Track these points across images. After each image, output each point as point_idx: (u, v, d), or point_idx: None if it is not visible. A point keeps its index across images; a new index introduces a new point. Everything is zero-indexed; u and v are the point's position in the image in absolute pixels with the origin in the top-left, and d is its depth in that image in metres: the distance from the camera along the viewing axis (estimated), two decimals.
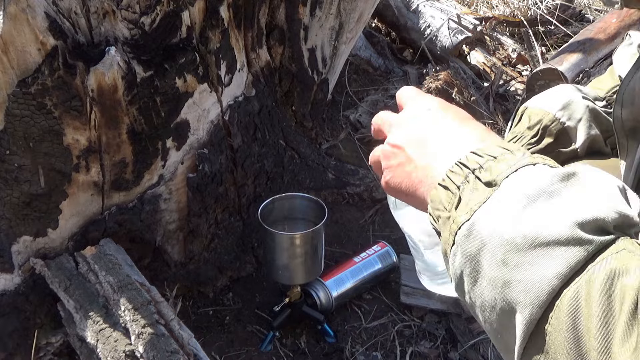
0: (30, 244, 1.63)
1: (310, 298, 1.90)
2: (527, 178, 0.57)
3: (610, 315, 0.48)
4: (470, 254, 0.57)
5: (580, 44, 2.98)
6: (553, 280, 0.51)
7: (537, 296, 0.51)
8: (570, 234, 0.52)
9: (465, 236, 0.58)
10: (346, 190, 2.31)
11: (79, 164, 1.57)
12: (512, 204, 0.56)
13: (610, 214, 0.53)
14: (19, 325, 1.64)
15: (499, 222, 0.56)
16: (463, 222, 0.58)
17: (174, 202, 1.82)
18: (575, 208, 0.54)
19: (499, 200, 0.57)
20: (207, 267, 1.95)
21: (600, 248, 0.52)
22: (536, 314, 0.52)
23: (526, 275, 0.52)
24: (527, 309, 0.52)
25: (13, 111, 1.44)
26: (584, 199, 0.55)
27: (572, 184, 0.56)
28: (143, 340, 1.41)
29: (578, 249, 0.51)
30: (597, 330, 0.48)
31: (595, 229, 0.52)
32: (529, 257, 0.53)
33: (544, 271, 0.52)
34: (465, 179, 0.60)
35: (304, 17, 2.09)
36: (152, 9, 1.54)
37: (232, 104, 1.90)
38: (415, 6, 3.17)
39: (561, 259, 0.51)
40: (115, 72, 1.49)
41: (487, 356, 1.85)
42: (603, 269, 0.50)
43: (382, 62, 2.99)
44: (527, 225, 0.54)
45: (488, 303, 0.56)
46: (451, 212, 0.60)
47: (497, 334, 0.57)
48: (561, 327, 0.50)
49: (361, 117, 2.63)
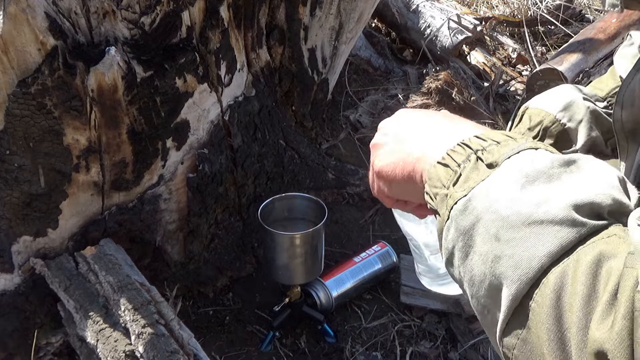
0: (30, 244, 1.63)
1: (310, 298, 1.90)
2: (527, 160, 0.58)
3: (593, 294, 0.49)
4: (464, 229, 0.58)
5: (580, 44, 2.98)
6: (543, 259, 0.52)
7: (526, 272, 0.52)
8: (564, 215, 0.53)
9: (461, 211, 0.58)
10: (346, 190, 2.31)
11: (79, 164, 1.57)
12: (510, 182, 0.56)
13: (605, 200, 0.54)
14: (19, 325, 1.64)
15: (495, 199, 0.56)
16: (460, 197, 0.59)
17: (174, 202, 1.82)
18: (573, 191, 0.54)
19: (498, 179, 0.58)
20: (207, 267, 1.95)
21: (593, 232, 0.52)
22: (522, 289, 0.52)
23: (517, 251, 0.53)
24: (514, 285, 0.53)
25: (13, 111, 1.44)
26: (582, 183, 0.55)
27: (572, 170, 0.57)
28: (143, 340, 1.41)
29: (570, 230, 0.52)
30: (579, 309, 0.49)
31: (590, 213, 0.53)
32: (521, 233, 0.53)
33: (534, 249, 0.52)
34: (467, 158, 0.60)
35: (304, 17, 2.09)
36: (152, 9, 1.54)
37: (232, 104, 1.90)
38: (415, 6, 3.17)
39: (553, 239, 0.52)
40: (115, 72, 1.49)
41: (487, 356, 1.85)
42: (592, 250, 0.51)
43: (382, 62, 2.99)
44: (523, 204, 0.55)
45: (477, 277, 0.57)
46: (449, 189, 0.60)
47: (484, 309, 0.57)
48: (545, 303, 0.51)
49: (361, 117, 2.63)
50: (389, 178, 0.71)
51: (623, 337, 0.46)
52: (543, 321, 0.51)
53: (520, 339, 0.53)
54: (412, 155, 0.67)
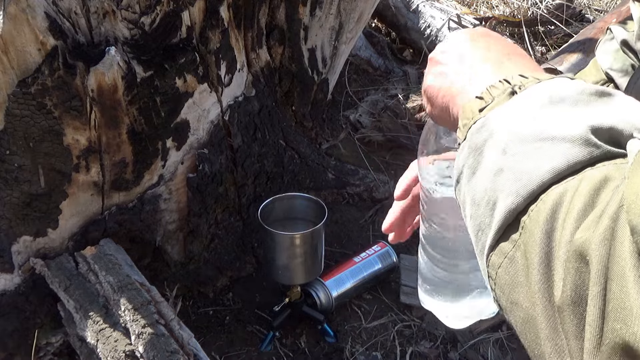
0: (30, 244, 1.63)
1: (310, 298, 1.90)
2: (558, 85, 0.54)
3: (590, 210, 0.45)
4: (476, 145, 0.55)
5: (580, 44, 2.97)
6: (546, 174, 0.48)
7: (524, 186, 0.49)
8: (579, 134, 0.49)
9: (478, 129, 0.55)
10: (346, 190, 2.31)
11: (79, 164, 1.57)
12: (532, 103, 0.53)
13: (628, 128, 0.49)
14: (19, 325, 1.64)
15: (512, 116, 0.53)
16: (479, 118, 0.56)
17: (174, 202, 1.82)
18: (595, 114, 0.50)
19: (520, 99, 0.55)
20: (207, 267, 1.95)
21: (606, 157, 0.48)
22: (519, 204, 0.49)
23: (520, 165, 0.50)
24: (510, 197, 0.50)
25: (13, 111, 1.44)
26: (608, 110, 0.51)
27: (602, 101, 0.52)
28: (143, 340, 1.41)
29: (582, 150, 0.48)
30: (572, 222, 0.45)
31: (608, 139, 0.49)
32: (530, 147, 0.50)
33: (540, 163, 0.49)
34: (503, 92, 0.57)
35: (304, 17, 2.09)
36: (152, 9, 1.54)
37: (232, 104, 1.90)
38: (415, 6, 3.17)
39: (561, 155, 0.48)
40: (115, 72, 1.49)
41: (487, 356, 1.85)
42: (600, 172, 0.47)
43: (382, 62, 2.99)
44: (539, 121, 0.51)
45: (479, 195, 0.53)
46: (474, 115, 0.58)
47: (479, 230, 0.54)
48: (539, 219, 0.47)
49: (361, 117, 2.63)
50: (432, 99, 0.69)
51: (605, 236, 0.42)
52: (534, 238, 0.47)
53: (507, 257, 0.50)
54: (455, 86, 0.65)
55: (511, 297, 0.50)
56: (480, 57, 0.65)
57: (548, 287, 0.46)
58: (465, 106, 0.60)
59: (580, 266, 0.43)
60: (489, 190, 0.52)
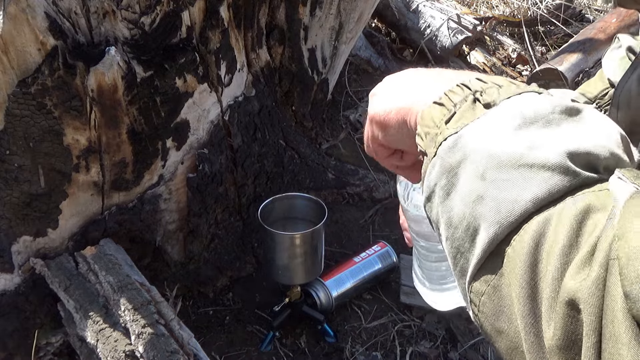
0: (30, 244, 1.63)
1: (310, 298, 1.90)
2: (528, 102, 0.54)
3: (575, 245, 0.46)
4: (449, 166, 0.54)
5: (580, 44, 2.98)
6: (527, 203, 0.49)
7: (507, 216, 0.49)
8: (557, 162, 0.49)
9: (450, 148, 0.54)
10: (346, 190, 2.31)
11: (79, 164, 1.57)
12: (506, 122, 0.53)
13: (603, 153, 0.50)
14: (19, 325, 1.64)
15: (487, 138, 0.53)
16: (450, 134, 0.55)
17: (174, 202, 1.82)
18: (570, 139, 0.51)
19: (493, 118, 0.54)
20: (207, 267, 1.95)
21: (585, 184, 0.49)
22: (501, 233, 0.49)
23: (501, 193, 0.50)
24: (493, 227, 0.50)
25: (13, 111, 1.44)
26: (581, 133, 0.52)
27: (573, 119, 0.53)
28: (143, 340, 1.41)
29: (562, 178, 0.49)
30: (557, 258, 0.46)
31: (585, 164, 0.50)
32: (509, 175, 0.50)
33: (521, 192, 0.49)
34: (464, 98, 0.56)
35: (304, 17, 2.09)
36: (152, 9, 1.54)
37: (232, 104, 1.90)
38: (415, 6, 3.17)
39: (542, 184, 0.49)
40: (115, 72, 1.49)
41: (487, 356, 1.85)
42: (580, 201, 0.47)
43: (382, 62, 2.99)
44: (516, 145, 0.51)
45: (456, 218, 0.53)
46: (440, 127, 0.56)
47: (457, 253, 0.54)
48: (522, 250, 0.48)
49: (361, 117, 2.63)
50: (383, 123, 0.66)
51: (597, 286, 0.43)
52: (517, 268, 0.48)
53: (490, 285, 0.50)
54: (408, 99, 0.63)
55: (495, 325, 0.51)
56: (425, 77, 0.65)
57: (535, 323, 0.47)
58: (424, 112, 0.59)
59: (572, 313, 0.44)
60: (468, 216, 0.52)
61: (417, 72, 0.67)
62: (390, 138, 0.66)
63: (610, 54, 1.07)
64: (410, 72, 0.67)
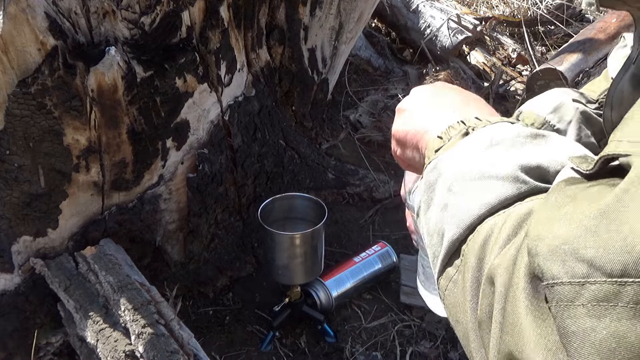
0: (30, 244, 1.63)
1: (310, 298, 1.90)
2: (499, 129, 0.62)
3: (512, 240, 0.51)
4: (429, 183, 0.63)
5: (580, 44, 2.98)
6: (481, 208, 0.56)
7: (463, 219, 0.57)
8: (509, 173, 0.56)
9: (431, 169, 0.64)
10: (346, 190, 2.31)
11: (79, 164, 1.57)
12: (477, 145, 0.61)
13: (554, 166, 0.56)
14: (19, 325, 1.64)
15: (459, 158, 0.61)
16: (434, 158, 0.64)
17: (174, 202, 1.82)
18: (526, 156, 0.58)
19: (468, 142, 0.63)
20: (207, 267, 1.95)
21: (533, 192, 0.55)
22: (459, 235, 0.57)
23: (460, 201, 0.58)
24: (453, 230, 0.57)
25: (13, 111, 1.44)
26: (538, 152, 0.59)
27: (537, 142, 0.60)
28: (143, 340, 1.41)
29: (512, 186, 0.55)
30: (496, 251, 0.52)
31: (536, 176, 0.56)
32: (469, 186, 0.58)
33: (476, 199, 0.57)
34: (458, 132, 0.65)
35: (304, 17, 2.09)
36: (152, 9, 1.54)
37: (232, 104, 1.90)
38: (415, 6, 3.17)
39: (494, 192, 0.56)
40: (115, 72, 1.49)
41: None
42: (526, 207, 0.53)
43: (382, 62, 2.99)
44: (480, 162, 0.59)
45: (432, 227, 0.62)
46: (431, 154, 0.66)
47: (434, 258, 0.61)
48: (474, 247, 0.55)
49: (361, 117, 2.63)
50: (402, 142, 0.76)
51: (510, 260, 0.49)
52: (469, 263, 0.55)
53: (452, 280, 0.58)
54: (423, 124, 0.72)
55: (454, 315, 0.58)
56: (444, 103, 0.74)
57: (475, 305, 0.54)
58: (429, 143, 0.68)
59: (491, 288, 0.51)
60: (438, 223, 0.60)
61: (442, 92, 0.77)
62: (406, 156, 0.77)
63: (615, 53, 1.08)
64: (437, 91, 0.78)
